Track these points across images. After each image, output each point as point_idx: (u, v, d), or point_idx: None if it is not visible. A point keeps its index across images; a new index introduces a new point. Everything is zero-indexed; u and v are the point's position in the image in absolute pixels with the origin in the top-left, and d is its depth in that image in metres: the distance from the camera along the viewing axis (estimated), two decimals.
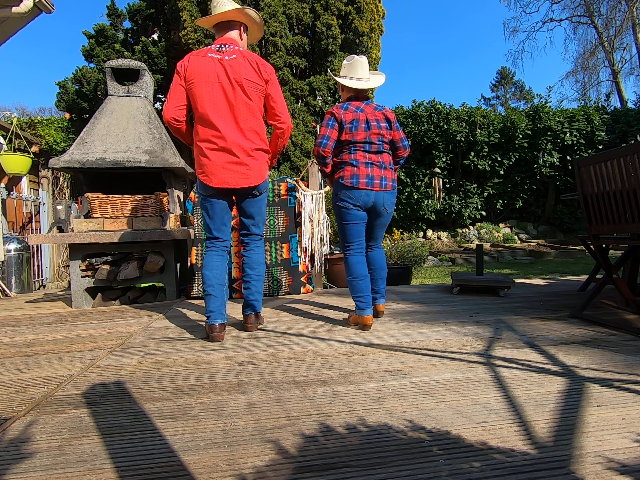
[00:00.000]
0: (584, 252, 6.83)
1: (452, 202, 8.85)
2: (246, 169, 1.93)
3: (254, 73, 1.92)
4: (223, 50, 1.91)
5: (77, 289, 3.01)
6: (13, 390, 1.37)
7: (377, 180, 2.05)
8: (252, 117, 1.94)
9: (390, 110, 2.13)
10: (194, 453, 0.95)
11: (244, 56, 1.92)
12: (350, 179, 2.03)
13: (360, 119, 2.04)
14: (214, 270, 1.98)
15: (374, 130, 2.05)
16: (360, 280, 2.08)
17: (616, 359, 1.51)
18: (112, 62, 3.44)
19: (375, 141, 2.06)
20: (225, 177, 1.90)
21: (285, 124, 2.02)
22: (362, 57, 2.11)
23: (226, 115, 1.89)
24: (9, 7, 3.14)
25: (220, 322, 1.93)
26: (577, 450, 0.91)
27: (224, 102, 1.88)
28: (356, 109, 2.06)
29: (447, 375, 1.39)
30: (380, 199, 2.07)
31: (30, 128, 6.45)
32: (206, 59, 1.89)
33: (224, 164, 1.89)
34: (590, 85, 18.24)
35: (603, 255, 2.25)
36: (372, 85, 2.14)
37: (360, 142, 2.04)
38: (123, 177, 3.46)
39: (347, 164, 2.06)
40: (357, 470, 0.86)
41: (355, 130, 2.03)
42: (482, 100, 31.07)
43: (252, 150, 1.94)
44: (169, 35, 7.35)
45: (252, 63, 1.92)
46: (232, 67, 1.88)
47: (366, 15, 6.40)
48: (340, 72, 2.16)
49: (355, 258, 2.11)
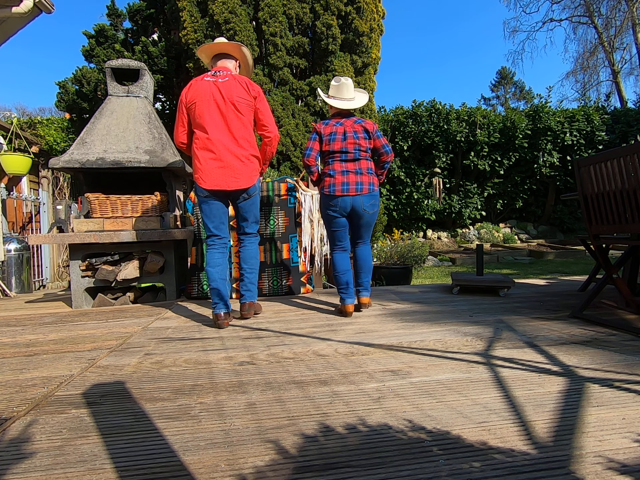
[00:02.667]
0: (584, 252, 6.83)
1: (452, 202, 8.85)
2: (237, 173, 2.17)
3: (244, 91, 2.21)
4: (217, 75, 2.23)
5: (77, 289, 3.01)
6: (13, 390, 1.37)
7: (353, 185, 2.30)
8: (244, 128, 2.21)
9: (370, 122, 2.38)
10: (194, 453, 0.95)
11: (235, 78, 2.23)
12: (329, 187, 2.32)
13: (338, 132, 2.33)
14: (216, 267, 2.22)
15: (350, 140, 2.31)
16: (342, 275, 2.39)
17: (616, 359, 1.51)
18: (112, 62, 3.44)
19: (351, 150, 2.31)
20: (218, 179, 2.14)
21: (272, 133, 2.29)
22: (347, 79, 2.39)
23: (221, 127, 2.16)
24: (9, 7, 3.14)
25: (225, 311, 2.20)
26: (577, 450, 0.91)
27: (219, 116, 2.16)
28: (336, 123, 2.36)
29: (447, 375, 1.39)
30: (358, 202, 2.31)
31: (30, 128, 6.45)
32: (203, 82, 2.20)
33: (216, 168, 2.14)
34: (590, 85, 18.24)
35: (603, 255, 2.25)
36: (354, 105, 2.40)
37: (337, 151, 2.32)
38: (123, 177, 3.46)
39: (326, 174, 2.36)
40: (357, 470, 0.87)
41: (333, 141, 2.32)
42: (482, 100, 31.08)
43: (244, 156, 2.20)
44: (169, 35, 7.35)
45: (242, 83, 2.23)
46: (225, 87, 2.18)
47: (366, 15, 6.40)
48: (329, 92, 2.44)
49: (338, 256, 2.44)
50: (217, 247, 2.26)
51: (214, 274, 2.20)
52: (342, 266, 2.40)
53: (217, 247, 2.26)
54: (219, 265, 2.22)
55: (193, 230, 3.13)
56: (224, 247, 2.28)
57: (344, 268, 2.40)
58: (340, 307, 2.40)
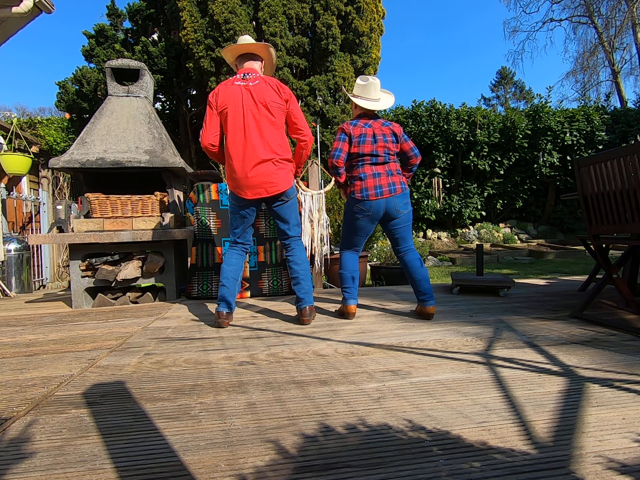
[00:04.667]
0: (584, 252, 6.83)
1: (452, 202, 8.85)
2: (273, 178, 2.14)
3: (275, 94, 2.17)
4: (247, 78, 2.19)
5: (77, 289, 3.01)
6: (13, 390, 1.37)
7: (386, 187, 2.19)
8: (276, 131, 2.18)
9: (397, 125, 2.29)
10: (194, 453, 0.95)
11: (265, 81, 2.19)
12: (361, 192, 2.20)
13: (368, 134, 2.21)
14: (232, 266, 2.24)
15: (380, 143, 2.21)
16: (349, 272, 2.31)
17: (616, 359, 1.51)
18: (112, 62, 3.44)
19: (381, 153, 2.22)
20: (257, 188, 2.13)
21: (307, 137, 2.26)
22: (375, 79, 2.25)
23: (254, 133, 2.12)
24: (9, 7, 3.14)
25: (227, 310, 2.19)
26: (577, 450, 0.91)
27: (253, 122, 2.12)
28: (364, 125, 2.24)
29: (447, 375, 1.39)
30: (392, 203, 2.20)
31: (30, 128, 6.45)
32: (234, 87, 2.16)
33: (253, 177, 2.11)
34: (590, 85, 18.24)
35: (603, 255, 2.25)
36: (382, 106, 2.30)
37: (367, 154, 2.21)
38: (123, 177, 3.46)
39: (356, 178, 2.24)
40: (357, 470, 0.86)
41: (363, 143, 2.20)
42: (482, 100, 31.07)
43: (278, 160, 2.16)
44: (169, 35, 7.35)
45: (272, 86, 2.19)
46: (256, 91, 2.14)
47: (366, 15, 6.40)
48: (354, 90, 2.32)
49: (348, 255, 2.35)
50: (237, 249, 2.28)
51: (228, 271, 2.21)
52: (351, 265, 2.32)
53: (238, 249, 2.28)
54: (234, 265, 2.24)
55: (193, 230, 3.13)
56: (244, 250, 2.31)
57: (352, 268, 2.32)
58: (342, 308, 2.32)
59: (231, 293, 2.20)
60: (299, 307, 2.24)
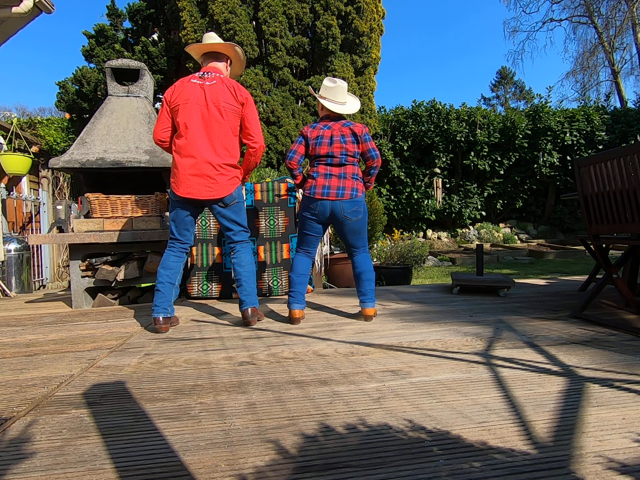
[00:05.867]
0: (584, 252, 6.83)
1: (452, 202, 8.85)
2: (211, 182, 2.10)
3: (231, 96, 2.14)
4: (205, 77, 2.16)
5: (77, 289, 3.01)
6: (13, 390, 1.37)
7: (334, 190, 2.19)
8: (225, 135, 2.14)
9: (360, 125, 2.26)
10: (194, 453, 0.95)
11: (222, 82, 2.15)
12: (310, 189, 2.23)
13: (325, 135, 2.22)
14: (168, 270, 2.17)
15: (336, 144, 2.20)
16: (297, 277, 2.27)
17: (616, 359, 1.51)
18: (112, 62, 3.44)
19: (337, 155, 2.21)
20: (191, 188, 2.09)
21: (258, 144, 2.22)
22: (343, 82, 2.28)
23: (200, 134, 2.10)
24: (9, 7, 3.14)
25: (164, 315, 2.11)
26: (577, 450, 0.91)
27: (200, 122, 2.10)
28: (323, 127, 2.25)
29: (447, 375, 1.39)
30: (338, 207, 2.19)
31: (30, 128, 6.45)
32: (190, 84, 2.13)
33: (192, 176, 2.09)
34: (590, 85, 18.25)
35: (603, 255, 2.25)
36: (348, 111, 2.31)
37: (322, 155, 2.22)
38: (123, 177, 3.46)
39: (309, 177, 2.27)
40: (357, 470, 0.87)
41: (319, 145, 2.22)
42: (482, 100, 31.07)
43: (220, 165, 2.12)
44: (169, 35, 7.35)
45: (229, 87, 2.15)
46: (211, 91, 2.11)
47: (366, 15, 6.40)
48: (321, 91, 2.31)
49: (299, 257, 2.33)
50: (175, 250, 2.20)
51: (163, 276, 2.14)
52: (300, 269, 2.28)
53: (176, 250, 2.20)
54: (171, 269, 2.16)
55: None
56: (182, 251, 2.23)
57: (302, 272, 2.28)
58: (289, 313, 2.25)
59: (166, 299, 2.12)
60: (241, 308, 2.22)
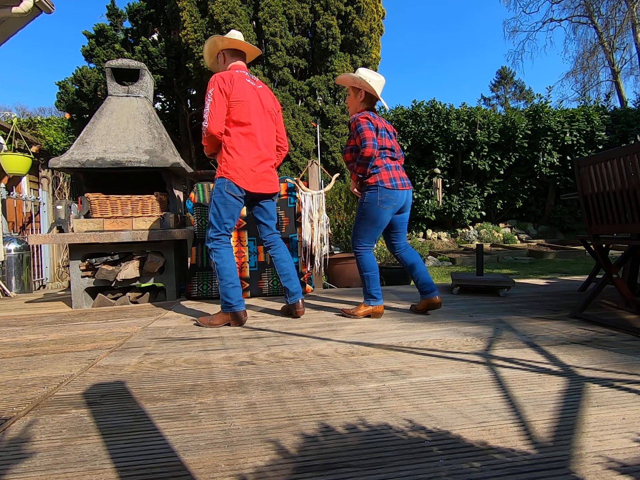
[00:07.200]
0: (584, 252, 6.83)
1: (452, 202, 8.84)
2: (272, 177, 2.31)
3: (273, 103, 2.35)
4: (253, 79, 2.27)
5: (77, 289, 3.01)
6: (13, 390, 1.37)
7: (406, 180, 2.25)
8: (273, 137, 2.35)
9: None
10: (194, 453, 0.95)
11: (265, 88, 2.32)
12: (390, 181, 2.16)
13: (387, 128, 2.25)
14: (233, 263, 2.22)
15: (394, 139, 2.28)
16: (376, 273, 2.27)
17: (616, 359, 1.51)
18: (112, 62, 3.44)
19: (395, 148, 2.27)
20: (261, 184, 2.22)
21: (287, 146, 2.48)
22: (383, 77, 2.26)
23: (262, 133, 2.23)
24: (9, 7, 3.14)
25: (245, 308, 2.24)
26: (577, 450, 0.91)
27: (259, 122, 2.22)
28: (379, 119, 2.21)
29: (447, 375, 1.39)
30: (410, 196, 2.29)
31: (30, 128, 6.45)
32: (246, 83, 2.18)
33: (262, 174, 2.22)
34: (590, 85, 18.25)
35: (603, 255, 2.25)
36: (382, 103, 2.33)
37: (388, 148, 2.21)
38: (123, 177, 3.46)
39: (381, 168, 2.17)
40: (357, 470, 0.86)
41: (384, 137, 2.19)
42: (482, 100, 31.07)
43: (275, 164, 2.38)
44: (169, 35, 7.35)
45: (271, 95, 2.36)
46: (263, 95, 2.27)
47: (366, 15, 6.39)
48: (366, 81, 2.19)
49: (370, 255, 2.29)
50: (229, 245, 2.23)
51: (232, 270, 2.18)
52: (375, 266, 2.27)
53: (229, 245, 2.24)
54: (234, 262, 2.24)
55: (193, 230, 3.13)
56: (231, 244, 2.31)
57: (376, 268, 2.27)
58: (375, 309, 2.27)
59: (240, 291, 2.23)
60: (291, 300, 2.33)
